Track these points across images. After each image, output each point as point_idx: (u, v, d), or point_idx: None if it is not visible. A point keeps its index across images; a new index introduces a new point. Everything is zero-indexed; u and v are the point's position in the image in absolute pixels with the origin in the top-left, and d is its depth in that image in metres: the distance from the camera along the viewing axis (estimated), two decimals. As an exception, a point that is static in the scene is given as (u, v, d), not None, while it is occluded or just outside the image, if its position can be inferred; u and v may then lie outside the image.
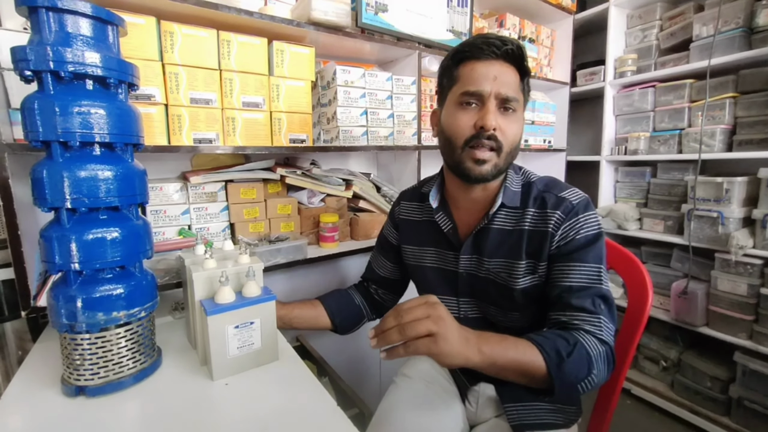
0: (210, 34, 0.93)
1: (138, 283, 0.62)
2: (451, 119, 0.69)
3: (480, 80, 0.65)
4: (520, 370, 0.57)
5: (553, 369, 0.57)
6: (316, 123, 1.27)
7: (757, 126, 1.42)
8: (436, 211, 0.78)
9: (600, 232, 0.67)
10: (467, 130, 0.66)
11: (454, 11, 1.38)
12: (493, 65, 0.66)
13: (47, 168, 0.54)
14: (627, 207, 1.78)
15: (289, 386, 0.64)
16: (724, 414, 1.49)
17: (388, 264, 0.92)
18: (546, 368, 0.57)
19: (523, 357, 0.57)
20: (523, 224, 0.70)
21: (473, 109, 0.67)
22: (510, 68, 0.67)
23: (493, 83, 0.65)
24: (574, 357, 0.58)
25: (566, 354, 0.58)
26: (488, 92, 0.65)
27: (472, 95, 0.66)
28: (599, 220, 0.68)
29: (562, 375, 0.57)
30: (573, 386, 0.59)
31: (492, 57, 0.66)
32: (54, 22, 0.54)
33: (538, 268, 0.69)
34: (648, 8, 1.76)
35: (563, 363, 0.57)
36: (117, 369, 0.61)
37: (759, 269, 1.37)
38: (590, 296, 0.63)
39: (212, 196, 1.06)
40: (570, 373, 0.58)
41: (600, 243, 0.66)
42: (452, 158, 0.70)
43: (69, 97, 0.54)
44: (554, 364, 0.57)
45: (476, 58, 0.66)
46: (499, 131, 0.65)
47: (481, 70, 0.66)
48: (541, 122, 1.75)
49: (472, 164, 0.67)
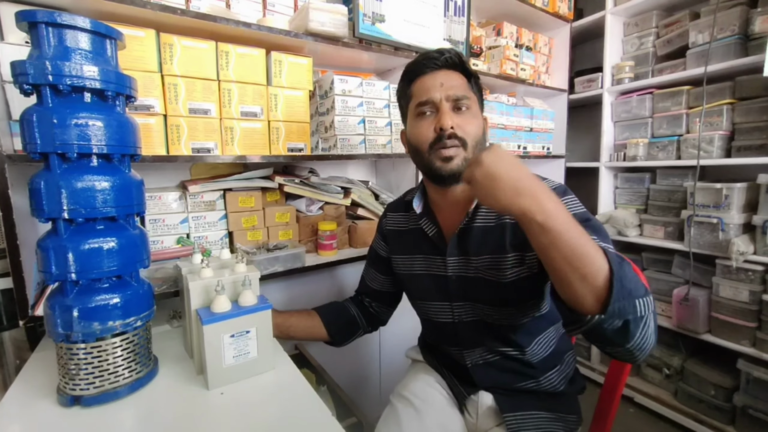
0: (209, 46, 0.95)
1: (134, 293, 0.63)
2: (413, 130, 0.74)
3: (429, 90, 0.71)
4: (579, 250, 0.47)
5: (614, 263, 0.48)
6: (314, 132, 1.28)
7: (755, 132, 1.42)
8: (420, 216, 0.79)
9: (587, 211, 0.64)
10: (429, 134, 0.71)
11: (451, 20, 1.39)
12: (437, 74, 0.72)
13: (45, 179, 0.55)
14: (627, 213, 1.78)
15: (284, 396, 0.64)
16: (728, 423, 1.47)
17: (379, 277, 0.92)
18: (607, 261, 0.48)
19: (584, 236, 0.48)
20: (504, 218, 0.71)
21: (430, 116, 0.72)
22: (454, 73, 0.72)
23: (441, 89, 0.70)
24: (631, 268, 0.51)
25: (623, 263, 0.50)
26: (438, 98, 0.70)
27: (426, 104, 0.71)
28: (581, 204, 0.66)
29: (623, 274, 0.48)
30: (631, 297, 0.48)
31: (435, 68, 0.72)
32: (53, 37, 0.55)
33: (526, 258, 0.69)
34: (644, 16, 1.77)
35: (624, 265, 0.50)
36: (113, 379, 0.61)
37: (760, 276, 1.36)
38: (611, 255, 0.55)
39: (211, 205, 1.06)
40: (630, 278, 0.49)
41: (594, 221, 0.62)
42: (423, 163, 0.73)
43: (67, 109, 0.55)
44: (616, 261, 0.49)
45: (422, 73, 0.73)
46: (458, 128, 0.69)
47: (428, 82, 0.72)
48: (539, 129, 1.76)
49: (441, 163, 0.70)
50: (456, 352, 0.81)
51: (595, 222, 0.62)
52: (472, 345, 0.78)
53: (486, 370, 0.78)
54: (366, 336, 0.97)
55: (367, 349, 1.30)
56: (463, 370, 0.80)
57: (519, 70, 1.68)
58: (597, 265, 0.48)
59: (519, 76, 1.68)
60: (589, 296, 0.49)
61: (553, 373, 0.77)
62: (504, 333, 0.75)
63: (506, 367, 0.77)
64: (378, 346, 1.31)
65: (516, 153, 1.67)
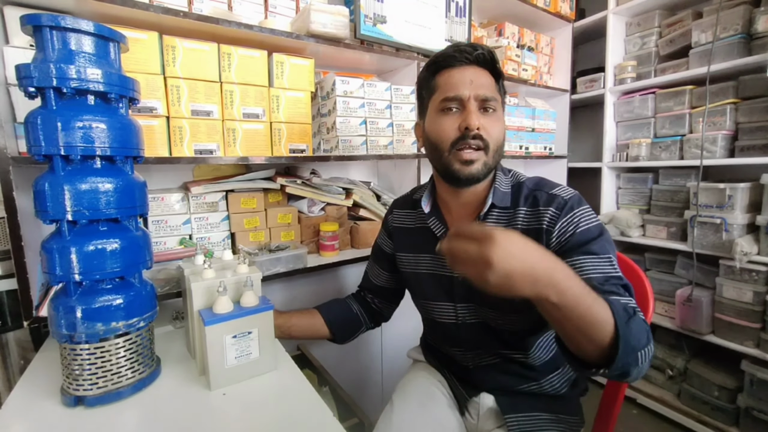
0: (211, 48, 0.95)
1: (137, 294, 0.63)
2: (435, 126, 0.70)
3: (458, 85, 0.67)
4: (589, 319, 0.49)
5: (621, 325, 0.50)
6: (316, 133, 1.28)
7: (758, 132, 1.41)
8: (428, 216, 0.78)
9: (600, 223, 0.65)
10: (452, 133, 0.68)
11: (453, 21, 1.39)
12: (467, 70, 0.68)
13: (49, 181, 0.56)
14: (630, 213, 1.77)
15: (286, 396, 0.64)
16: (732, 424, 1.46)
17: (383, 273, 0.92)
18: (614, 323, 0.50)
19: (595, 302, 0.50)
20: (515, 224, 0.70)
21: (455, 113, 0.68)
22: (484, 72, 0.69)
23: (471, 86, 0.67)
24: (637, 319, 0.53)
25: (632, 312, 0.53)
26: (467, 95, 0.67)
27: (453, 100, 0.68)
28: (595, 214, 0.67)
29: (629, 334, 0.50)
30: (634, 352, 0.51)
31: (465, 63, 0.68)
32: (57, 40, 0.55)
33: None
34: (646, 16, 1.76)
35: (631, 320, 0.51)
36: (116, 379, 0.62)
37: (764, 276, 1.36)
38: (615, 285, 0.59)
39: (213, 206, 1.07)
40: (635, 335, 0.51)
41: (606, 235, 0.64)
42: (440, 162, 0.71)
43: (71, 112, 0.56)
44: (623, 320, 0.50)
45: (451, 66, 0.69)
46: (483, 130, 0.67)
47: (457, 76, 0.68)
48: (541, 129, 1.75)
49: (460, 166, 0.68)
50: (458, 353, 0.80)
51: (607, 236, 0.64)
52: (474, 347, 0.78)
53: (487, 372, 0.78)
54: (368, 336, 0.97)
55: (369, 349, 1.30)
56: (465, 371, 0.80)
57: (521, 70, 1.68)
58: (606, 331, 0.50)
59: (521, 77, 1.67)
60: (595, 354, 0.52)
61: (554, 376, 0.77)
62: (507, 336, 0.75)
63: (508, 370, 0.76)
64: (380, 346, 1.31)
65: (518, 153, 1.67)
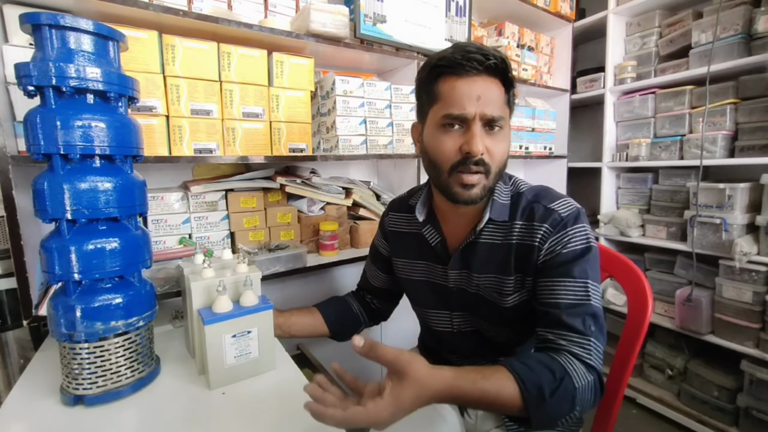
0: (211, 47, 0.95)
1: (137, 293, 0.63)
2: (434, 143, 0.64)
3: (463, 102, 0.59)
4: (496, 406, 0.54)
5: (531, 408, 0.52)
6: (316, 132, 1.28)
7: (758, 132, 1.41)
8: (423, 224, 0.75)
9: (588, 246, 0.63)
10: (453, 155, 0.62)
11: (453, 21, 1.39)
12: (475, 82, 0.60)
13: (48, 180, 0.56)
14: (629, 213, 1.77)
15: (285, 395, 0.64)
16: (731, 424, 1.46)
17: (380, 275, 0.91)
18: (522, 404, 0.53)
19: (501, 392, 0.53)
20: (511, 238, 0.67)
21: (457, 131, 0.62)
22: (494, 82, 0.61)
23: (477, 104, 0.59)
24: (559, 394, 0.53)
25: (550, 393, 0.53)
26: (472, 114, 0.59)
27: (455, 118, 0.61)
28: (589, 233, 0.64)
29: (541, 414, 0.53)
30: (552, 421, 0.55)
31: (474, 73, 0.60)
32: (56, 39, 0.55)
33: (526, 282, 0.67)
34: (647, 16, 1.76)
35: (544, 403, 0.53)
36: (115, 378, 0.62)
37: (764, 276, 1.36)
38: (580, 315, 0.59)
39: (213, 205, 1.07)
40: (550, 413, 0.54)
41: (589, 256, 0.62)
42: (439, 182, 0.66)
43: (70, 111, 0.55)
44: (534, 403, 0.52)
45: (456, 75, 0.60)
46: (487, 154, 0.61)
47: (463, 89, 0.60)
48: (541, 129, 1.75)
49: (460, 189, 0.63)
50: (454, 359, 0.81)
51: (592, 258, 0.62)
52: (470, 354, 0.79)
53: None
54: (367, 335, 0.97)
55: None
56: None
57: (521, 70, 1.68)
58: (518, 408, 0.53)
59: (521, 77, 1.67)
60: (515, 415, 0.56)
61: None
62: (501, 345, 0.75)
63: None
64: (379, 346, 1.31)
65: (517, 153, 1.67)
